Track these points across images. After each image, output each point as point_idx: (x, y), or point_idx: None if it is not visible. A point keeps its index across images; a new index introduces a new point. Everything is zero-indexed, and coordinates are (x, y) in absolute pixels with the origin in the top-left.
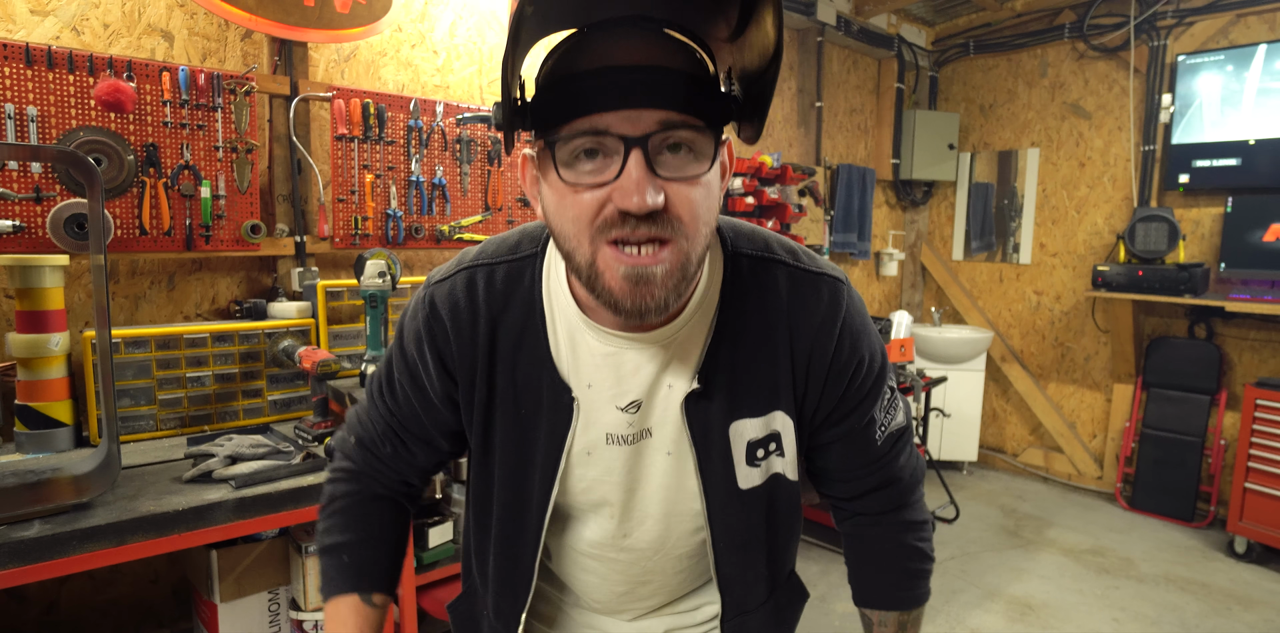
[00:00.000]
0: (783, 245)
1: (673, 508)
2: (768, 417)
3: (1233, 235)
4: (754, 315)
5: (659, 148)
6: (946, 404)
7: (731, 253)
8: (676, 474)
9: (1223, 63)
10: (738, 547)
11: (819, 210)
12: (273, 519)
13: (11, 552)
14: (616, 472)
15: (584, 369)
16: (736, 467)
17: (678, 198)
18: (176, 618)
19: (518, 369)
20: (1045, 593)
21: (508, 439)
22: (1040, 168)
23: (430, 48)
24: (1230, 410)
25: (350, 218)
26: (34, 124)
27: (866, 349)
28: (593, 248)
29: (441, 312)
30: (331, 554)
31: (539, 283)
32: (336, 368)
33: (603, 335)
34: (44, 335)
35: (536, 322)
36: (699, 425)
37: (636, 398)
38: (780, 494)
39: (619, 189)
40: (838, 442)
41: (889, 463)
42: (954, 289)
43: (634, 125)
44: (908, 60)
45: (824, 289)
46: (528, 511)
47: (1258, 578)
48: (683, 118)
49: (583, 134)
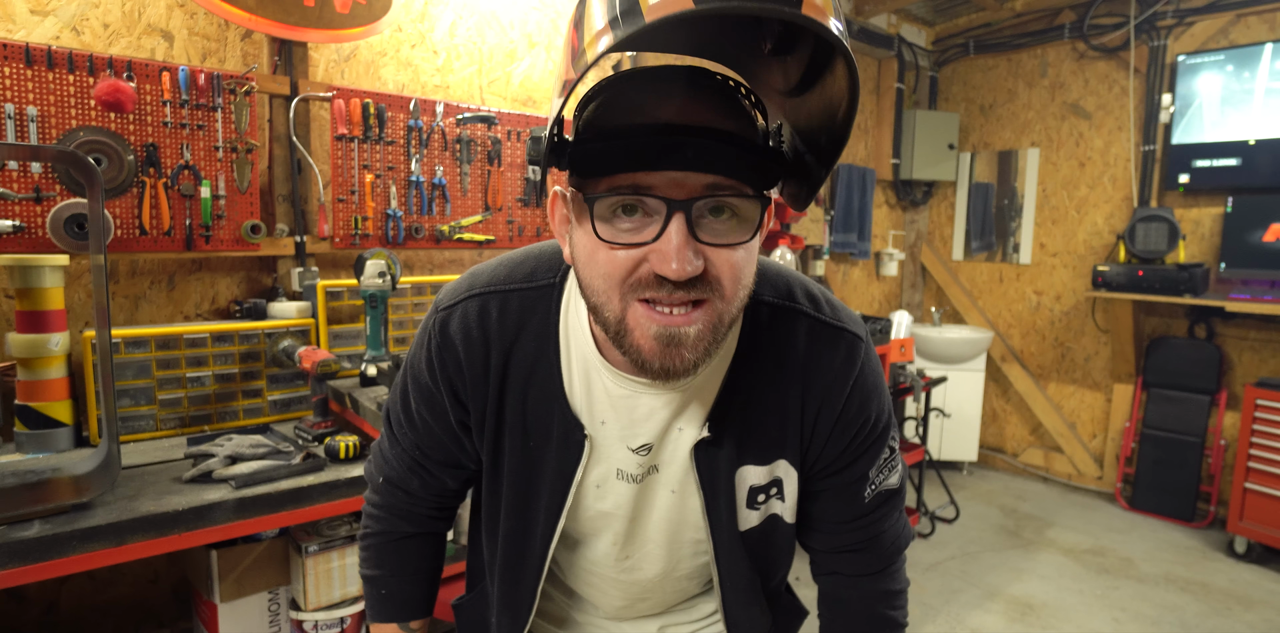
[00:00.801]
0: (806, 292)
1: (675, 537)
2: (772, 465)
3: (1233, 235)
4: (769, 366)
5: (702, 212)
6: (946, 404)
7: (754, 301)
8: (679, 510)
9: (1223, 63)
10: (742, 584)
11: (819, 210)
12: (273, 519)
13: (11, 552)
14: (624, 506)
15: (598, 408)
16: (739, 509)
17: (718, 262)
18: (176, 618)
19: (528, 402)
20: (1045, 593)
21: (515, 469)
22: (1040, 168)
23: (430, 48)
24: (1230, 410)
25: (350, 218)
26: (34, 124)
27: (875, 409)
28: (623, 304)
29: (454, 340)
30: (370, 584)
31: (555, 316)
32: (336, 368)
33: (619, 378)
34: (44, 335)
35: (550, 356)
36: (706, 470)
37: (648, 441)
38: (777, 534)
39: (657, 253)
40: (826, 492)
41: (872, 523)
42: (954, 289)
43: (680, 188)
44: (908, 60)
45: (842, 346)
46: (532, 538)
47: (1258, 578)
48: (731, 183)
49: (624, 192)
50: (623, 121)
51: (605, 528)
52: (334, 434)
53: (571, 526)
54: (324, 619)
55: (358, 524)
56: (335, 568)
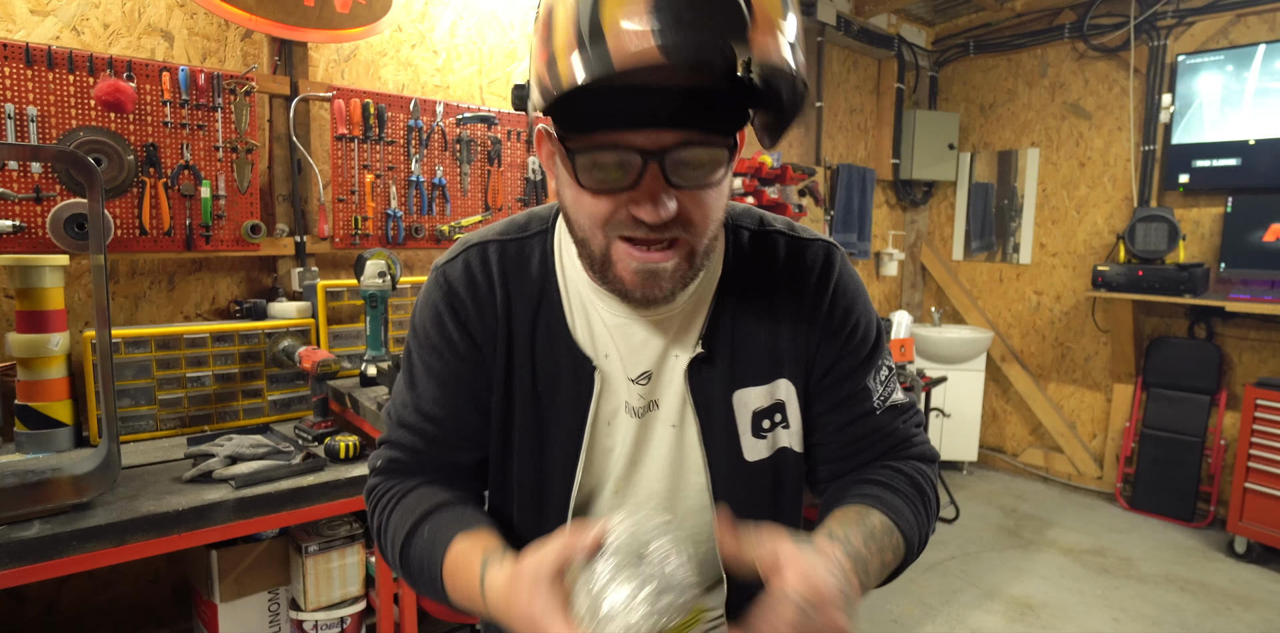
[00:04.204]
0: (777, 219)
1: (677, 483)
2: (771, 385)
3: (1233, 235)
4: (754, 285)
5: (675, 158)
6: (946, 404)
7: (732, 226)
8: (680, 447)
9: (1223, 63)
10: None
11: (819, 210)
12: (273, 519)
13: (11, 552)
14: (627, 443)
15: (600, 340)
16: (742, 438)
17: (690, 203)
18: (176, 618)
19: (535, 343)
20: (1045, 593)
21: (525, 418)
22: (1040, 168)
23: (430, 48)
24: (1230, 410)
25: (350, 218)
26: (34, 124)
27: (860, 314)
28: (606, 241)
29: (458, 287)
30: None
31: (551, 257)
32: (336, 368)
33: (613, 305)
34: (44, 335)
35: (551, 295)
36: (702, 394)
37: (648, 369)
38: (786, 468)
39: (634, 199)
40: (832, 412)
41: (894, 432)
42: (954, 289)
43: (653, 140)
44: (908, 60)
45: (819, 253)
46: (549, 490)
47: (1258, 578)
48: (702, 136)
49: (604, 147)
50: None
51: (607, 470)
52: (334, 434)
53: (585, 473)
54: (324, 619)
55: (358, 524)
56: (335, 568)
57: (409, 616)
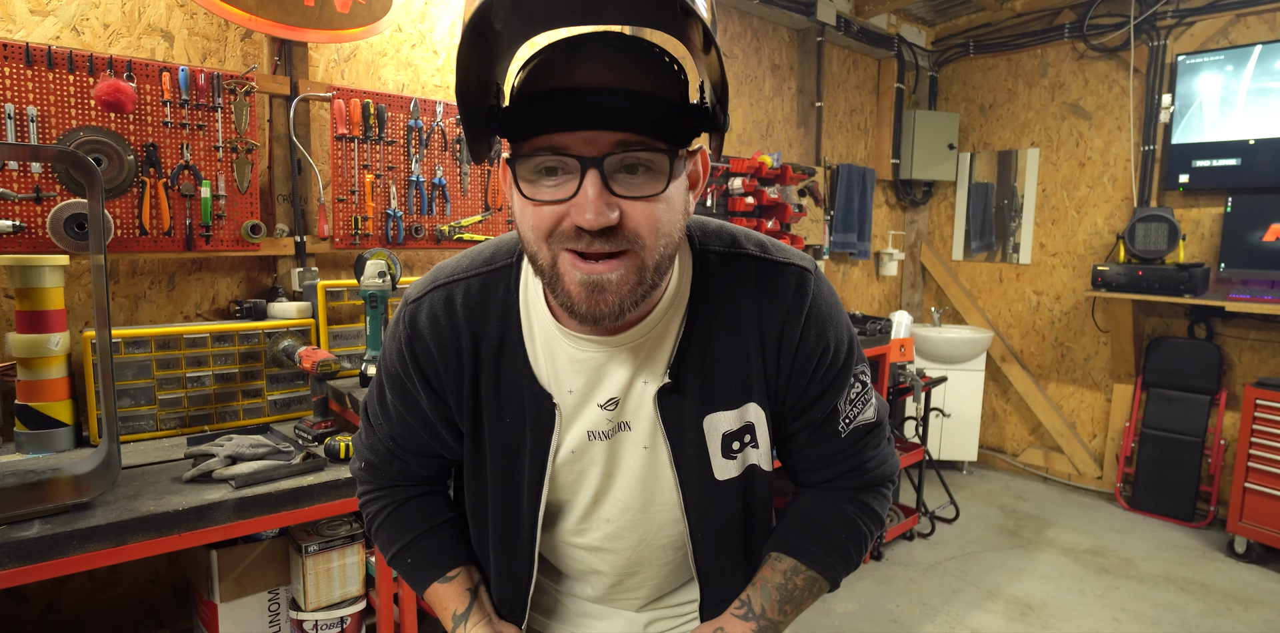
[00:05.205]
0: (750, 239)
1: (650, 498)
2: (741, 409)
3: (1233, 235)
4: (723, 310)
5: (616, 167)
6: (946, 404)
7: (700, 251)
8: (652, 467)
9: (1222, 63)
10: (715, 538)
11: (819, 210)
12: (273, 519)
13: (11, 552)
14: (598, 463)
15: (563, 376)
16: (713, 459)
17: (634, 214)
18: (176, 618)
19: (500, 380)
20: (1045, 593)
21: (496, 448)
22: (1040, 168)
23: (430, 48)
24: (1230, 410)
25: (350, 218)
26: (34, 124)
27: (833, 338)
28: (552, 254)
29: (423, 331)
30: (399, 564)
31: (514, 293)
32: (336, 368)
33: (577, 342)
34: (44, 335)
35: (514, 333)
36: (673, 419)
37: (614, 395)
38: (756, 485)
39: (575, 207)
40: (801, 432)
41: (855, 455)
42: (954, 289)
43: (591, 146)
44: (907, 60)
45: (792, 279)
46: (520, 510)
47: (1258, 578)
48: (641, 139)
49: (542, 152)
50: (544, 87)
51: (581, 489)
52: (334, 434)
53: (556, 496)
54: (324, 619)
55: (358, 524)
56: (335, 568)
57: (409, 616)
